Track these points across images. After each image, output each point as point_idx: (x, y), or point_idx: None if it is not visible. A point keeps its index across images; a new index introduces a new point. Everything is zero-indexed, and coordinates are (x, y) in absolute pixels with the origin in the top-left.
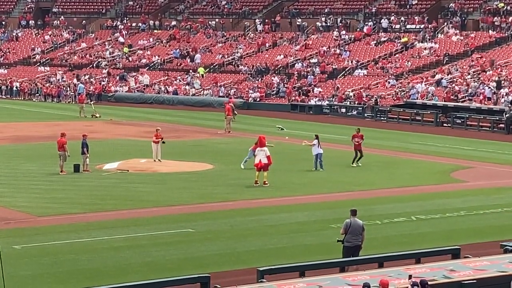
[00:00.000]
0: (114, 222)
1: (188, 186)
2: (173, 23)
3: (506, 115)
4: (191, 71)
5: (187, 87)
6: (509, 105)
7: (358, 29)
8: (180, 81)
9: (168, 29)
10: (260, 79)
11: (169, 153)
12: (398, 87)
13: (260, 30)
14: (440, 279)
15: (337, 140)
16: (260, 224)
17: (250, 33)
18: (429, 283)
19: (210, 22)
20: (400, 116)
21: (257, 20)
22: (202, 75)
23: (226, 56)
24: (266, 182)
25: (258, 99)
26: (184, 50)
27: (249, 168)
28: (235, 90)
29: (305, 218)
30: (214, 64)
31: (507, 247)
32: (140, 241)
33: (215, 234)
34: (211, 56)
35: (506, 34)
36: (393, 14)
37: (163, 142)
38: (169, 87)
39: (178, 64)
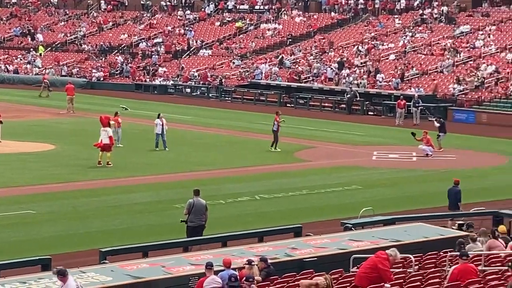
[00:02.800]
0: None
1: (29, 167)
2: (14, 0)
3: (347, 96)
4: (32, 49)
5: (28, 66)
6: (350, 86)
7: (202, 9)
8: (21, 59)
9: (8, 6)
10: (103, 59)
11: (10, 133)
12: (242, 67)
13: (103, 9)
14: (282, 257)
15: (181, 120)
16: (103, 205)
17: (93, 11)
18: (269, 260)
19: (52, 0)
20: (244, 96)
21: None
22: (41, 53)
23: (68, 35)
24: (110, 163)
25: (101, 79)
26: (25, 28)
27: (94, 148)
28: (78, 69)
29: (149, 198)
30: (56, 43)
31: (347, 224)
32: None
33: (57, 215)
34: (53, 34)
35: (348, 16)
36: None
37: (1, 123)
38: (9, 65)
39: (19, 42)
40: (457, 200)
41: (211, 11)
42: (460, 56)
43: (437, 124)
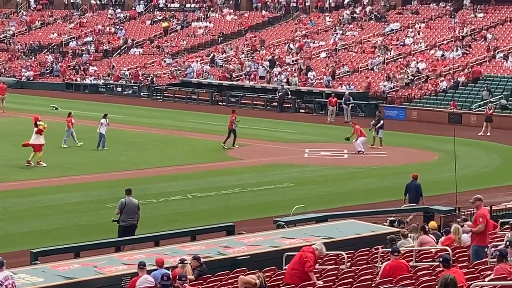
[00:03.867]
0: None
1: None
2: None
3: (279, 94)
4: None
5: None
6: (282, 84)
7: (133, 8)
8: None
9: None
10: (33, 58)
11: None
12: (174, 66)
13: (33, 8)
14: (215, 255)
15: (112, 119)
16: (34, 205)
17: (22, 10)
18: (202, 259)
19: None
20: (176, 95)
21: None
22: None
23: None
24: (41, 162)
25: (31, 78)
26: None
27: (25, 148)
28: (7, 68)
29: (81, 198)
30: None
31: (279, 222)
32: None
33: None
34: None
35: (278, 14)
36: None
37: None
38: None
39: None
40: (418, 194)
41: (141, 10)
42: (390, 54)
43: (382, 122)
